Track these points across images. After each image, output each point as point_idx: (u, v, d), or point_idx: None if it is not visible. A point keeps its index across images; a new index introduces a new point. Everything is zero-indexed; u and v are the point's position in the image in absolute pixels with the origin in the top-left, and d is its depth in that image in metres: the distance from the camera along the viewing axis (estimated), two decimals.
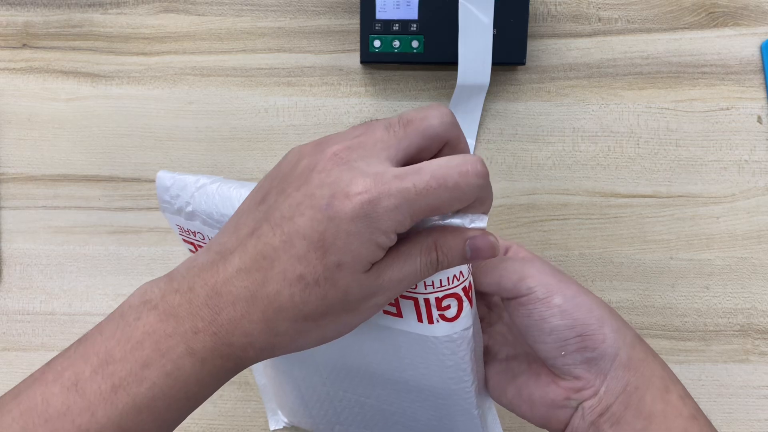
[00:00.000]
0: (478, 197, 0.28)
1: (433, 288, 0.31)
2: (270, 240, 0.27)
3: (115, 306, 0.54)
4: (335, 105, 0.52)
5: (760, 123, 0.51)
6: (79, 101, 0.52)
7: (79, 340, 0.29)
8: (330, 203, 0.26)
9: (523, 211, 0.52)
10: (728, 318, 0.51)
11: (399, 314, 0.33)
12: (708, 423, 0.33)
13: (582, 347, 0.33)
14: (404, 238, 0.29)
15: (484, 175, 0.27)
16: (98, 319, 0.29)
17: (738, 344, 0.51)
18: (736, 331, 0.51)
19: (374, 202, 0.26)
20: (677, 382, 0.34)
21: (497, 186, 0.52)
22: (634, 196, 0.51)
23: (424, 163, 0.27)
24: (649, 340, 0.51)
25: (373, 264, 0.28)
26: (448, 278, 0.31)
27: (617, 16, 0.51)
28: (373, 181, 0.26)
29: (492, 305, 0.39)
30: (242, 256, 0.28)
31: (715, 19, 0.51)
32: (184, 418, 0.29)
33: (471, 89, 0.49)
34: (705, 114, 0.51)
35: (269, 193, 0.29)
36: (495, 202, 0.52)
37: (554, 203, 0.52)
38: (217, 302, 0.28)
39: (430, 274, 0.29)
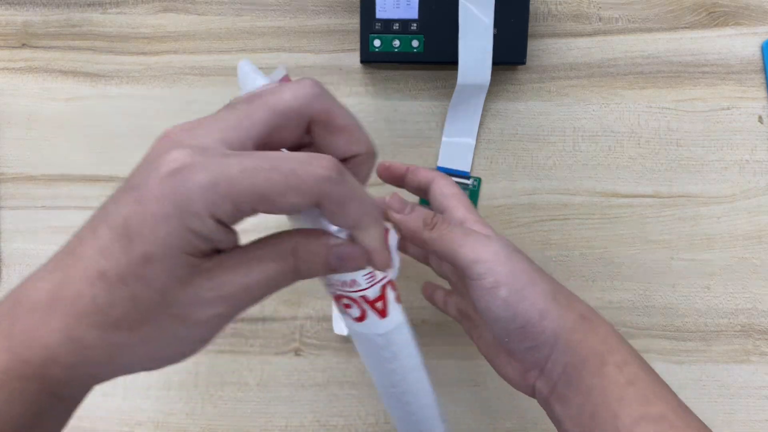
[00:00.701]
0: (327, 194, 0.24)
1: (326, 283, 0.29)
2: (80, 233, 0.24)
3: None
4: None
5: (761, 123, 0.51)
6: (79, 101, 0.52)
7: None
8: (140, 183, 0.22)
9: (524, 211, 0.52)
10: (729, 318, 0.51)
11: None
12: (651, 383, 0.32)
13: (523, 338, 0.34)
14: (260, 240, 0.26)
15: (331, 169, 0.23)
16: None
17: (739, 345, 0.51)
18: (737, 331, 0.51)
19: (184, 173, 0.22)
20: (618, 350, 0.33)
21: (498, 186, 0.52)
22: (635, 196, 0.51)
23: (268, 152, 0.24)
24: (649, 341, 0.51)
25: (202, 259, 0.23)
26: (339, 282, 0.28)
27: (618, 16, 0.51)
28: (191, 152, 0.22)
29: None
30: (53, 256, 0.24)
31: (716, 18, 0.51)
32: None
33: (471, 89, 0.49)
34: (706, 114, 0.51)
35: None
36: (495, 202, 0.51)
37: (555, 203, 0.51)
38: (16, 311, 0.23)
39: (290, 283, 0.26)
